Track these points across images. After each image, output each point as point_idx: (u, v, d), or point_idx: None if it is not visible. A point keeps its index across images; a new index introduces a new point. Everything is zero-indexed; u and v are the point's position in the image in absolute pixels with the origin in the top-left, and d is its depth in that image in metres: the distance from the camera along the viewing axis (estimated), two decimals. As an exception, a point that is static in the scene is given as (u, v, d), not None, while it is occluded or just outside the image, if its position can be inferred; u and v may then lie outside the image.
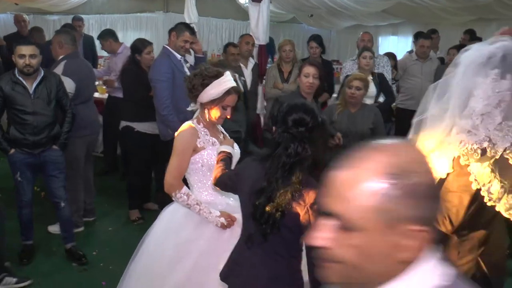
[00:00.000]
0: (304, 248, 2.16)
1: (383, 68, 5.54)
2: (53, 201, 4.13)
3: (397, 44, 10.93)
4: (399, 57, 7.20)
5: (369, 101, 5.04)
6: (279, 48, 5.71)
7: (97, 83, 6.54)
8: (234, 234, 2.55)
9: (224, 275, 2.34)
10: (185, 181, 2.84)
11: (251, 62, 5.83)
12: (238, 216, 2.54)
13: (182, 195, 2.69)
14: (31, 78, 3.87)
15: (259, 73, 5.93)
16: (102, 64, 8.67)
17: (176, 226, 2.76)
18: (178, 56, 4.42)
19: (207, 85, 2.64)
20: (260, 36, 6.13)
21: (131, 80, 4.95)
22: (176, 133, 2.76)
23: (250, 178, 2.21)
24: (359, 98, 4.17)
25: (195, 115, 2.83)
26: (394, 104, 6.25)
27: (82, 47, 6.86)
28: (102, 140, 6.38)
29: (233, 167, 2.67)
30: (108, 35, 6.07)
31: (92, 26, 11.16)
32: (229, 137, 2.89)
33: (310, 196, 2.08)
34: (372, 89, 5.12)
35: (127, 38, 11.72)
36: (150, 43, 5.14)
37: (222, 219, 2.67)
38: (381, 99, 5.19)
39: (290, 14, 11.74)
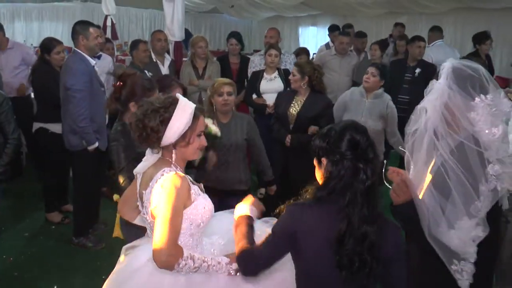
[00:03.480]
0: None
1: (290, 65, 5.67)
2: None
3: (317, 35, 11.29)
4: (317, 47, 7.39)
5: None
6: (193, 45, 5.68)
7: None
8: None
9: None
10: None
11: (168, 59, 5.80)
12: None
13: (186, 261, 2.00)
14: None
15: (175, 69, 5.91)
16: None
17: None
18: (92, 62, 4.29)
19: (169, 119, 2.01)
20: (176, 33, 6.12)
21: (42, 80, 4.82)
22: (159, 186, 2.03)
23: (316, 230, 1.81)
24: (231, 105, 3.74)
25: (149, 161, 2.14)
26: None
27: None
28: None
29: None
30: None
31: (4, 15, 10.64)
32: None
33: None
34: (279, 83, 5.31)
35: (43, 29, 11.30)
36: (59, 43, 4.98)
37: (235, 265, 2.10)
38: None
39: (211, 4, 11.73)
